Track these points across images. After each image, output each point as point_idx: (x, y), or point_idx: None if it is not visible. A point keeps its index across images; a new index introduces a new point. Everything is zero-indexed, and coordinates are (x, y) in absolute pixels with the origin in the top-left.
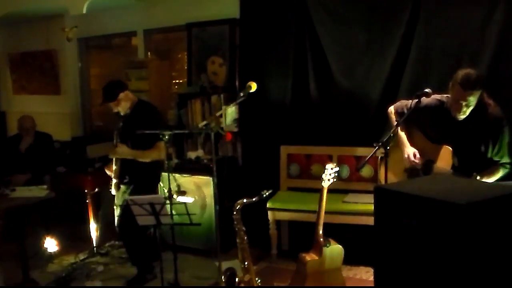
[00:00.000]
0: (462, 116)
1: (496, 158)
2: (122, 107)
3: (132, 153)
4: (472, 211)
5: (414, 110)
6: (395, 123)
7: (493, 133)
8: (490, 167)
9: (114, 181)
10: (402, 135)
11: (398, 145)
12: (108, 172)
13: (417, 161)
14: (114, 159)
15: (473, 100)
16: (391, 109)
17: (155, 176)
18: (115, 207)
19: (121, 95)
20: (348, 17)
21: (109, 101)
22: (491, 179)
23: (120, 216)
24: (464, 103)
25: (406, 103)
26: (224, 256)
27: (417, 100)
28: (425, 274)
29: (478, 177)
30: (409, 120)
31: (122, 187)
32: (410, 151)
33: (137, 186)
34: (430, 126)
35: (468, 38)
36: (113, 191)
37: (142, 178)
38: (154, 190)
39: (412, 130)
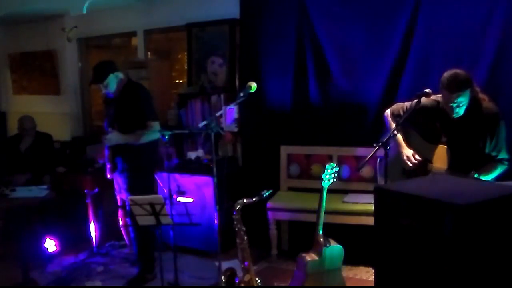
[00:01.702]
0: (456, 116)
1: (494, 153)
2: (111, 88)
3: (124, 138)
4: (471, 212)
5: (411, 111)
6: (393, 125)
7: (490, 127)
8: (488, 164)
9: (108, 165)
10: (399, 136)
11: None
12: (100, 159)
13: (417, 162)
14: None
15: (463, 99)
16: (387, 112)
17: (150, 162)
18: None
19: (111, 76)
20: (348, 17)
21: (98, 82)
22: (489, 176)
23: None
24: (454, 105)
25: (402, 106)
26: (224, 256)
27: (417, 100)
28: (425, 274)
29: (476, 175)
30: (405, 121)
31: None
32: (409, 152)
33: (132, 174)
34: (426, 126)
35: (468, 39)
36: (108, 175)
37: (136, 165)
38: (150, 177)
39: (408, 131)
